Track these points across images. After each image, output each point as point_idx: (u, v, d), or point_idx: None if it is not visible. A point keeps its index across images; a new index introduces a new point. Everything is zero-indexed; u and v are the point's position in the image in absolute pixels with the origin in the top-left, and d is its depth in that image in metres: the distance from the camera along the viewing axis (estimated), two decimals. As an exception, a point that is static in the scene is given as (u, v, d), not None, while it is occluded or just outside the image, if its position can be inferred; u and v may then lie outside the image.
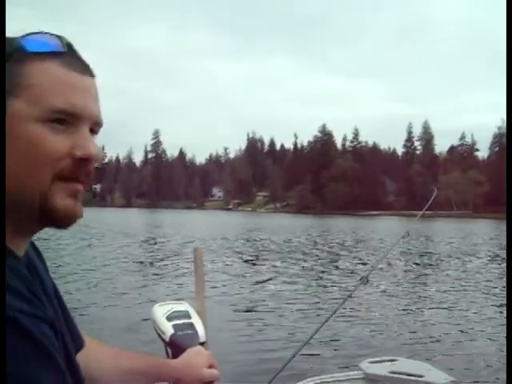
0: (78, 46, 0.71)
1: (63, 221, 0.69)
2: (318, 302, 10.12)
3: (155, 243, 20.13)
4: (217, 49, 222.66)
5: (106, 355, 0.97)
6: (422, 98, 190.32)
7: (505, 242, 27.50)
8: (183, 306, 1.50)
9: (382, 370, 2.89)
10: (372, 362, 2.97)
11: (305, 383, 2.84)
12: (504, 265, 17.40)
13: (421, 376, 2.83)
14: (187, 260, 14.60)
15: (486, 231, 43.27)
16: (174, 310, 1.45)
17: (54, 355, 0.62)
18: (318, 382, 2.84)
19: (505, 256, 20.75)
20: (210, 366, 1.12)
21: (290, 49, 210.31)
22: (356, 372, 2.91)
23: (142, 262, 15.66)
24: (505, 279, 13.98)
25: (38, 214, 0.67)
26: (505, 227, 46.93)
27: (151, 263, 15.49)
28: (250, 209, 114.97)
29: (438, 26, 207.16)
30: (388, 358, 3.08)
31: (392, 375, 2.86)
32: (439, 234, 32.38)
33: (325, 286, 12.15)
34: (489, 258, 20.24)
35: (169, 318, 1.38)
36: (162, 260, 16.11)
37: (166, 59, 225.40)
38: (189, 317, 1.42)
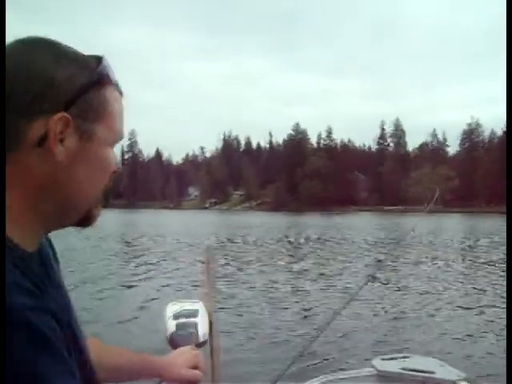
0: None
1: (92, 223, 0.77)
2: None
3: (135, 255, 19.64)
4: (192, 48, 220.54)
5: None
6: (397, 96, 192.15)
7: (476, 236, 28.22)
8: (195, 305, 1.47)
9: (394, 366, 2.86)
10: (384, 359, 2.93)
11: (317, 381, 2.79)
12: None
13: (433, 372, 2.80)
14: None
15: (457, 225, 44.10)
16: (183, 308, 1.44)
17: (60, 348, 0.61)
18: (331, 379, 2.79)
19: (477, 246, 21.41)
20: (195, 367, 1.12)
21: (265, 47, 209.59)
22: (368, 369, 2.87)
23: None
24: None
25: (80, 217, 0.74)
26: (475, 221, 48.10)
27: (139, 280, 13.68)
28: (225, 207, 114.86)
29: (413, 24, 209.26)
30: (400, 355, 3.05)
31: (404, 372, 2.81)
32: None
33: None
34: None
35: (175, 317, 1.38)
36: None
37: (142, 59, 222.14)
38: (194, 316, 1.40)
